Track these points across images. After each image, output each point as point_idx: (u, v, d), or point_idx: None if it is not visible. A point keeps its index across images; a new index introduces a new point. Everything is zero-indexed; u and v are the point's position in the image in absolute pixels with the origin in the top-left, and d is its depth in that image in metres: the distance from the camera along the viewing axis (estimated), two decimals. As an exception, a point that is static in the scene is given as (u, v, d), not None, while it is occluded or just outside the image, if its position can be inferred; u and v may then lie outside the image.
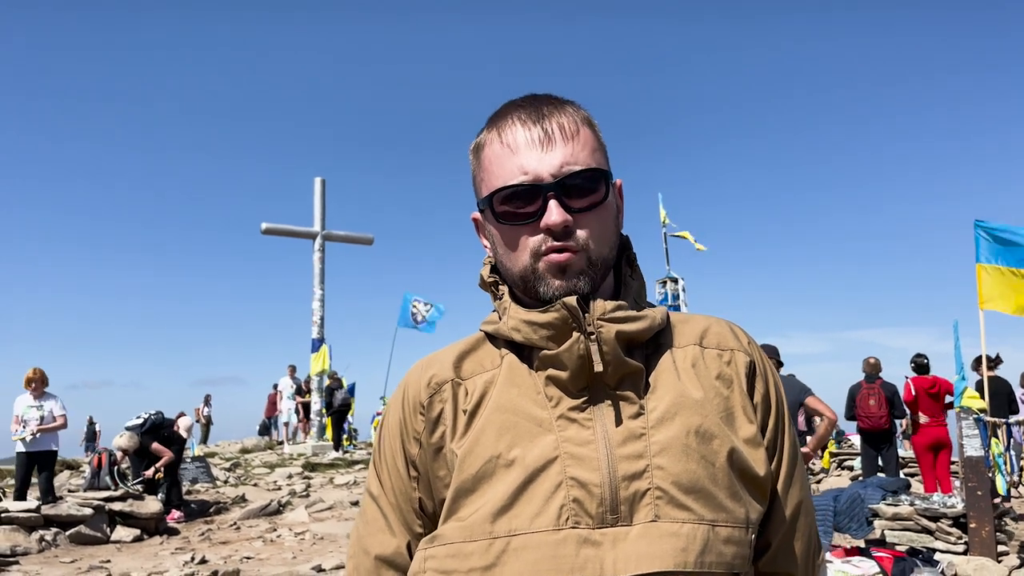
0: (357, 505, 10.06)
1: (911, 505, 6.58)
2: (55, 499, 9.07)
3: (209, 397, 22.12)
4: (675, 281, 14.41)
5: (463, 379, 0.99)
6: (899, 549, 6.07)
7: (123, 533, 8.97)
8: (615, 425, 0.91)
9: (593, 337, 0.92)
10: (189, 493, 11.36)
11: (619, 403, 0.92)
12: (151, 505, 9.44)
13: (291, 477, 13.27)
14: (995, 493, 6.89)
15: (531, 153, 0.94)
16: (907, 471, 11.43)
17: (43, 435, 9.09)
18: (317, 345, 17.84)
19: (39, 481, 9.21)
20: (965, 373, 7.31)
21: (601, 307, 0.93)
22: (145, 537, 9.09)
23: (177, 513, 9.98)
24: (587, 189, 0.95)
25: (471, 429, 0.94)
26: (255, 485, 12.65)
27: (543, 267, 0.94)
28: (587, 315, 0.93)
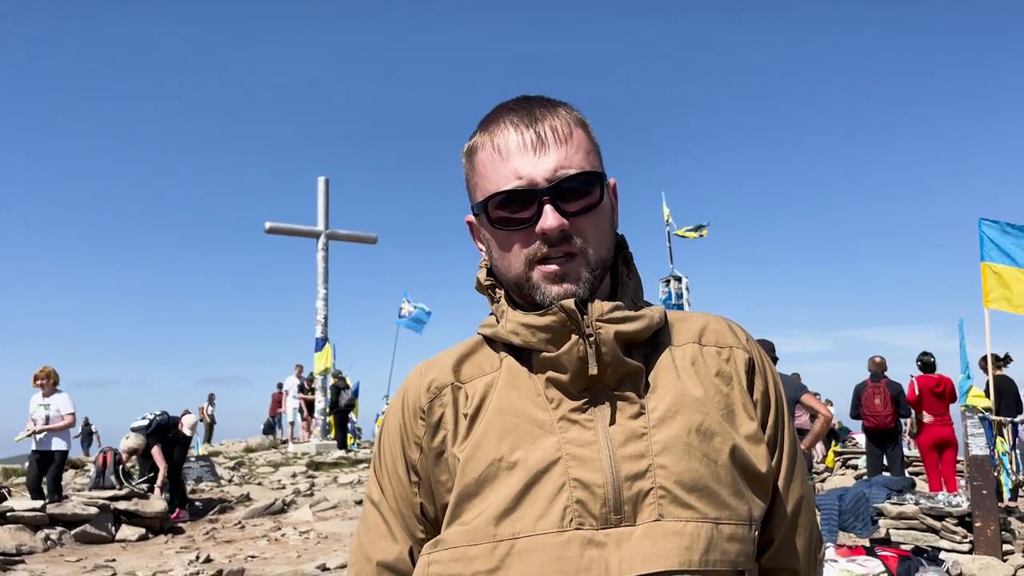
0: (361, 504, 10.07)
1: (916, 504, 6.57)
2: (60, 498, 9.09)
3: (213, 396, 22.12)
4: (679, 280, 14.42)
5: (463, 383, 0.99)
6: (904, 548, 6.05)
7: (128, 532, 9.00)
8: (616, 425, 0.91)
9: (592, 339, 0.91)
10: (194, 492, 11.38)
11: (620, 403, 0.92)
12: (156, 504, 9.48)
13: (295, 476, 13.27)
14: (1000, 492, 6.87)
15: (524, 157, 0.93)
16: (912, 470, 11.42)
17: (49, 434, 9.10)
18: (321, 344, 17.89)
19: (46, 480, 9.24)
20: (971, 372, 7.28)
21: (599, 308, 0.93)
22: (150, 536, 9.12)
23: (182, 512, 10.01)
24: (582, 192, 0.94)
25: (472, 433, 0.94)
26: (259, 484, 12.65)
27: (537, 276, 0.94)
28: (585, 317, 0.93)
